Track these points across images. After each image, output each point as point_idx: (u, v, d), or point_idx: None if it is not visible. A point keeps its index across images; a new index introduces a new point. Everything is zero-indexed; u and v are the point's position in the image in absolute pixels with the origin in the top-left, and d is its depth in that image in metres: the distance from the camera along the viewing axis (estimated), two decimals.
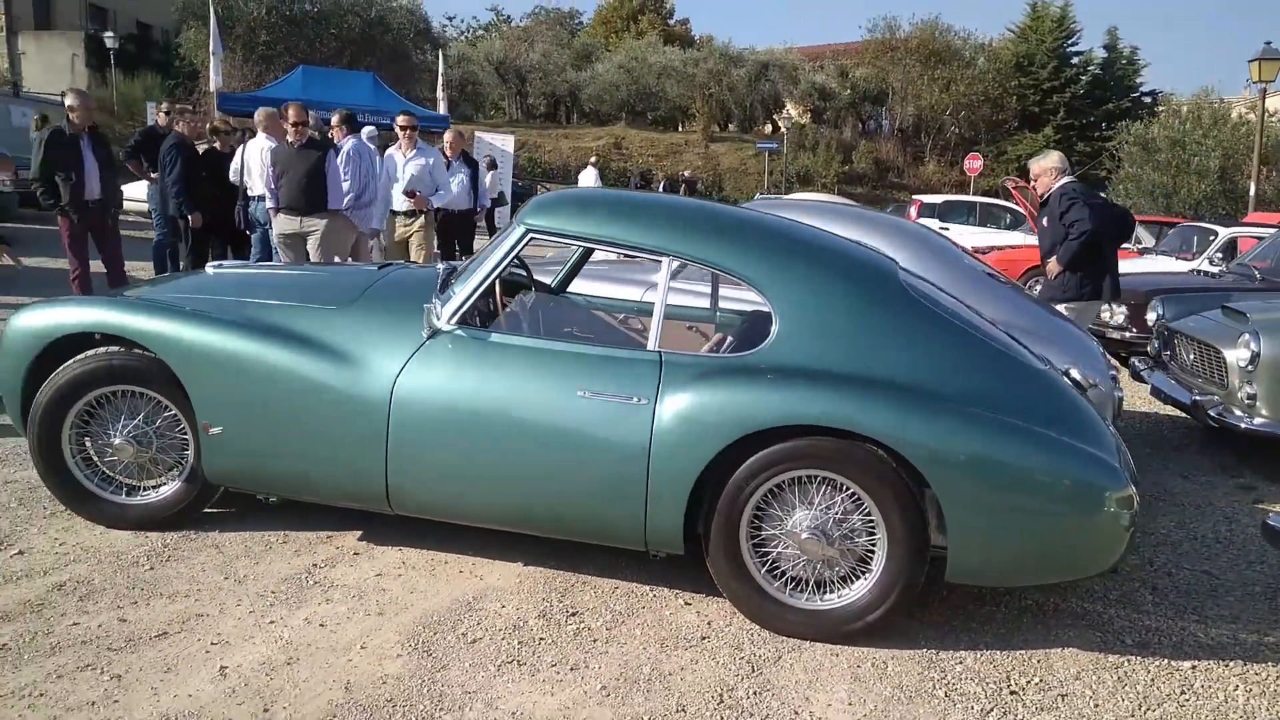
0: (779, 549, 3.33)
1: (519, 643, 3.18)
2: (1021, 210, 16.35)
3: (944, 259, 5.26)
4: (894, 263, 3.83)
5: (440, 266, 4.06)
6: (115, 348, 3.72)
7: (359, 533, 3.95)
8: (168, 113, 10.04)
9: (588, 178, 23.32)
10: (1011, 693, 3.10)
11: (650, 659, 3.13)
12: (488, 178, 17.76)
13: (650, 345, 3.41)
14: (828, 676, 3.11)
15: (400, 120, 8.38)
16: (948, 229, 18.96)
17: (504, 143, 22.57)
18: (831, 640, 3.31)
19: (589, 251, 4.23)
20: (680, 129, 41.17)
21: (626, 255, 3.68)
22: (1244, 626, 3.70)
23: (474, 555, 3.81)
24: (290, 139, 7.40)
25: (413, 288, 3.85)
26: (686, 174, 28.52)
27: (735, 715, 2.84)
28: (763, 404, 3.21)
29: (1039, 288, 10.48)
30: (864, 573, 3.29)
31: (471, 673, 2.97)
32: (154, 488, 3.85)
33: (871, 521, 3.24)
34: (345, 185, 7.47)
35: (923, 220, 19.68)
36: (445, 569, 3.70)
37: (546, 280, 4.44)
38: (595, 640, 3.23)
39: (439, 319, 3.54)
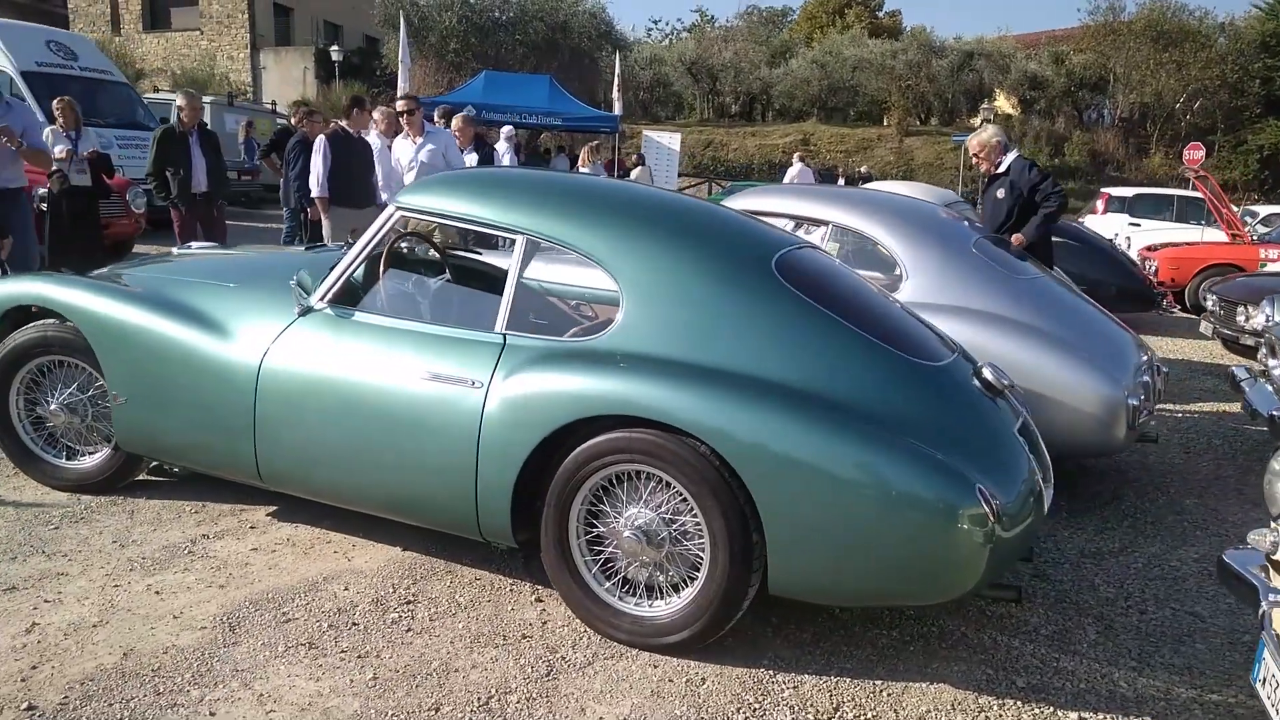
0: (611, 548, 3.10)
1: (329, 626, 3.12)
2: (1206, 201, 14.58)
3: (945, 245, 4.75)
4: (793, 247, 3.47)
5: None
6: (52, 320, 3.98)
7: (273, 508, 4.03)
8: (297, 116, 10.74)
9: (793, 175, 22.68)
10: None
11: (449, 654, 2.99)
12: (634, 173, 17.87)
13: (497, 327, 3.27)
14: (625, 690, 2.86)
15: (399, 104, 7.95)
16: (1138, 225, 17.24)
17: (670, 140, 22.61)
18: (658, 650, 3.05)
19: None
20: (884, 123, 39.80)
21: (488, 233, 3.54)
22: (1190, 681, 3.10)
23: (361, 537, 3.79)
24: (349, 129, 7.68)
25: (315, 267, 3.88)
26: (864, 169, 27.47)
27: None
28: (584, 391, 3.00)
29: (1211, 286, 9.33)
30: (692, 580, 2.99)
31: (256, 652, 2.94)
32: (90, 453, 4.09)
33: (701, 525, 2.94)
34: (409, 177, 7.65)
35: (1110, 216, 18.01)
36: (323, 549, 3.71)
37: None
38: (409, 630, 3.13)
39: (310, 297, 3.54)
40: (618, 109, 23.03)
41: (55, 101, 9.65)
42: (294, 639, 3.03)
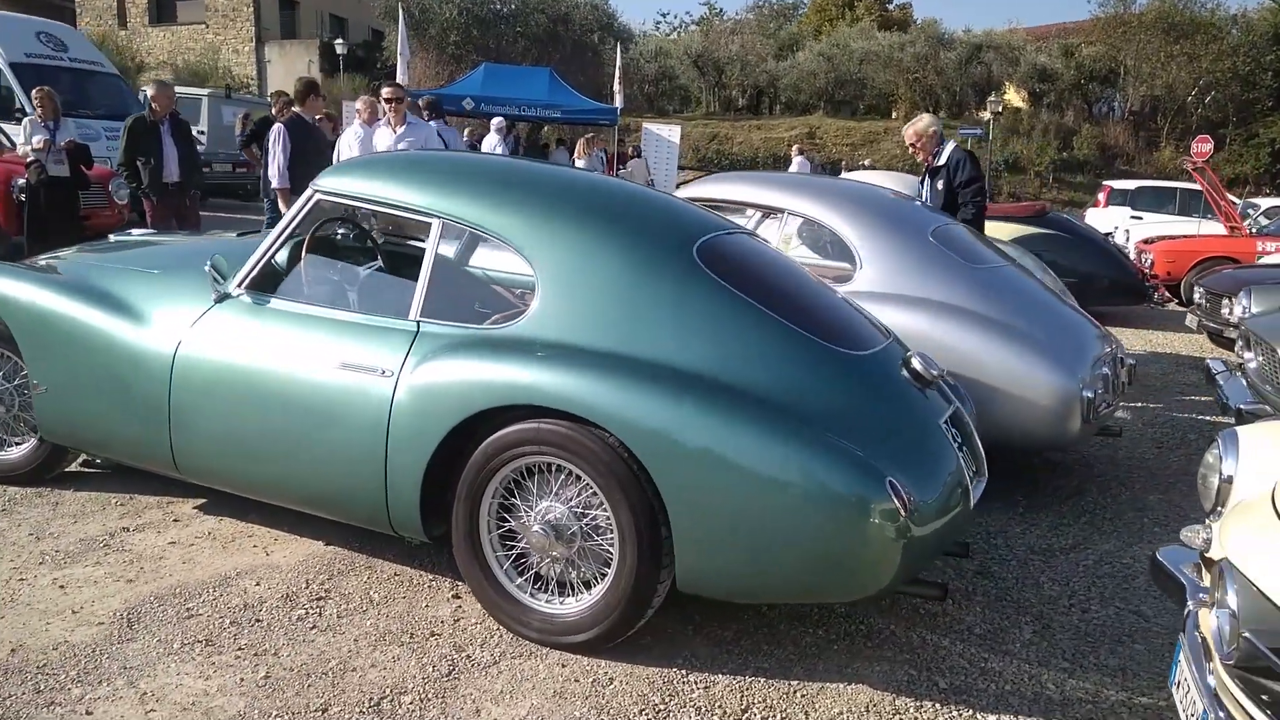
0: (523, 544, 3.00)
1: (231, 623, 3.03)
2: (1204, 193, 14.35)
3: (902, 234, 4.62)
4: (720, 232, 3.35)
5: None
6: None
7: (201, 501, 3.94)
8: (277, 106, 10.65)
9: (795, 169, 22.50)
10: None
11: (350, 653, 2.90)
12: (629, 165, 17.73)
13: (410, 315, 3.16)
14: (527, 690, 2.75)
15: (385, 92, 7.75)
16: (1140, 218, 17.02)
17: (670, 133, 22.42)
18: (568, 649, 2.95)
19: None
20: (892, 116, 39.46)
21: (403, 218, 3.43)
22: (1123, 684, 2.98)
23: (285, 531, 3.70)
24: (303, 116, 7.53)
25: (236, 253, 3.78)
26: (866, 163, 27.25)
27: None
28: (493, 380, 2.90)
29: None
30: (603, 577, 2.89)
31: (150, 649, 2.85)
32: (17, 444, 4.01)
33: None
34: None
35: (1112, 209, 17.79)
36: (244, 543, 3.62)
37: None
38: (313, 627, 3.03)
39: (228, 283, 3.45)
40: (618, 102, 22.85)
41: (34, 92, 9.59)
42: (192, 636, 2.94)
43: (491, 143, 13.66)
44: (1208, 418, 6.28)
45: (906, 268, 4.49)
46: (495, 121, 14.38)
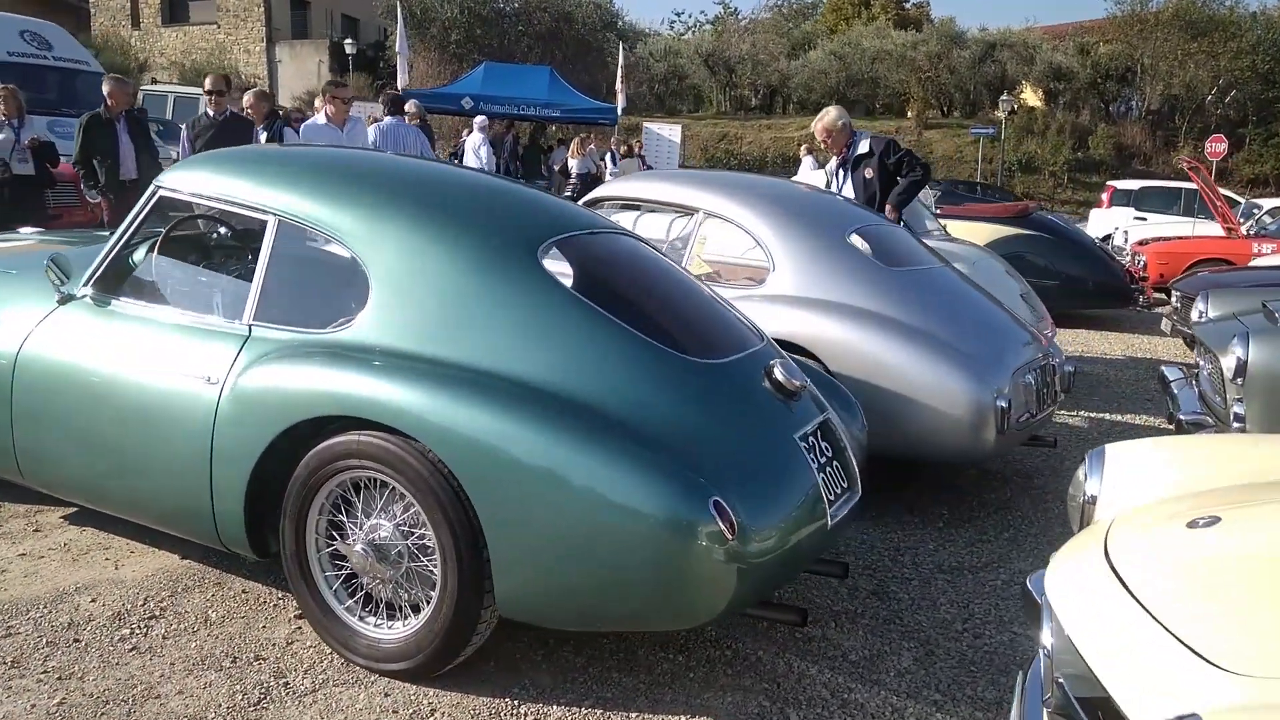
0: (350, 564, 2.82)
1: (48, 643, 2.87)
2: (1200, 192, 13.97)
3: (817, 235, 4.41)
4: (576, 232, 3.16)
5: None
6: None
7: (71, 510, 3.79)
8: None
9: (806, 169, 22.28)
10: None
11: (161, 678, 2.73)
12: (621, 165, 17.52)
13: (243, 318, 2.99)
14: (380, 718, 2.57)
15: (209, 83, 7.59)
16: (1144, 218, 16.64)
17: (670, 132, 22.27)
18: (393, 677, 2.76)
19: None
20: (906, 116, 39.02)
21: (241, 215, 3.26)
22: (994, 718, 2.75)
23: (144, 544, 3.54)
24: (210, 111, 7.37)
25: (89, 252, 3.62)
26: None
27: None
28: (313, 389, 2.73)
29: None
30: (429, 601, 2.70)
31: None
32: None
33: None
34: None
35: (1115, 210, 17.42)
36: (96, 556, 3.46)
37: None
38: (132, 649, 2.87)
39: (72, 283, 3.29)
40: (621, 101, 22.69)
41: None
42: (1, 656, 2.78)
43: (475, 142, 13.54)
44: (1170, 428, 6.01)
45: (820, 270, 4.27)
46: (478, 120, 14.27)
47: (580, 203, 5.06)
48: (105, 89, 8.07)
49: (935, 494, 4.60)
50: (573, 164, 15.59)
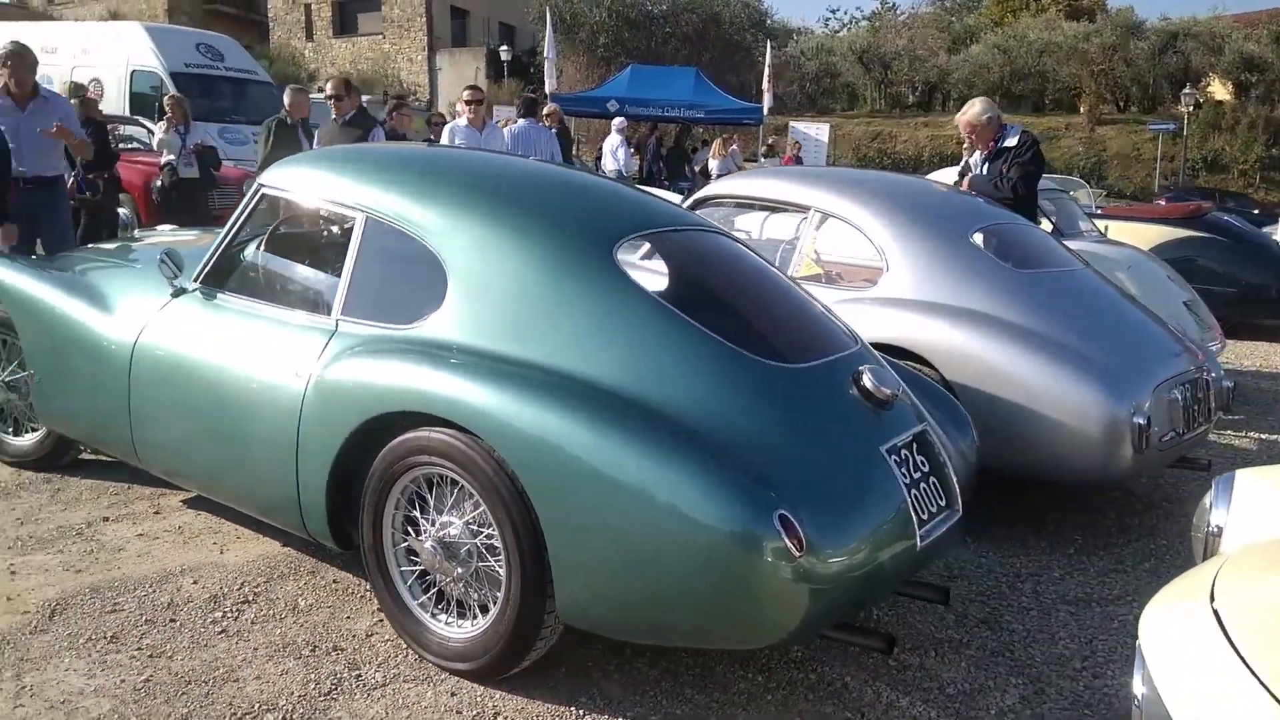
0: (421, 560, 2.81)
1: (147, 621, 2.99)
2: None
3: (937, 234, 4.14)
4: (658, 230, 3.05)
5: None
6: None
7: (190, 494, 3.97)
8: (389, 108, 10.91)
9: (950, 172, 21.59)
10: None
11: (243, 661, 2.79)
12: (761, 162, 17.25)
13: (332, 314, 3.03)
14: (441, 716, 2.56)
15: (466, 94, 8.07)
16: None
17: (818, 131, 21.80)
18: (465, 677, 2.73)
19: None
20: (1078, 112, 36.95)
21: (334, 213, 3.29)
22: None
23: (249, 530, 3.66)
24: (333, 114, 7.49)
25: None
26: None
27: None
28: (388, 385, 2.73)
29: None
30: (495, 602, 2.66)
31: (56, 642, 2.84)
32: (31, 431, 4.16)
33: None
34: None
35: None
36: (206, 539, 3.60)
37: None
38: (221, 632, 2.95)
39: (180, 277, 3.43)
40: (767, 100, 22.40)
41: (166, 99, 10.21)
42: (102, 632, 2.91)
43: (612, 144, 13.62)
44: None
45: (937, 271, 4.01)
46: (616, 122, 14.33)
47: (691, 200, 4.96)
48: (286, 99, 8.22)
49: (1070, 516, 4.25)
50: (713, 165, 15.47)
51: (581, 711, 2.63)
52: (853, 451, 2.54)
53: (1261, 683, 1.40)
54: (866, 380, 2.70)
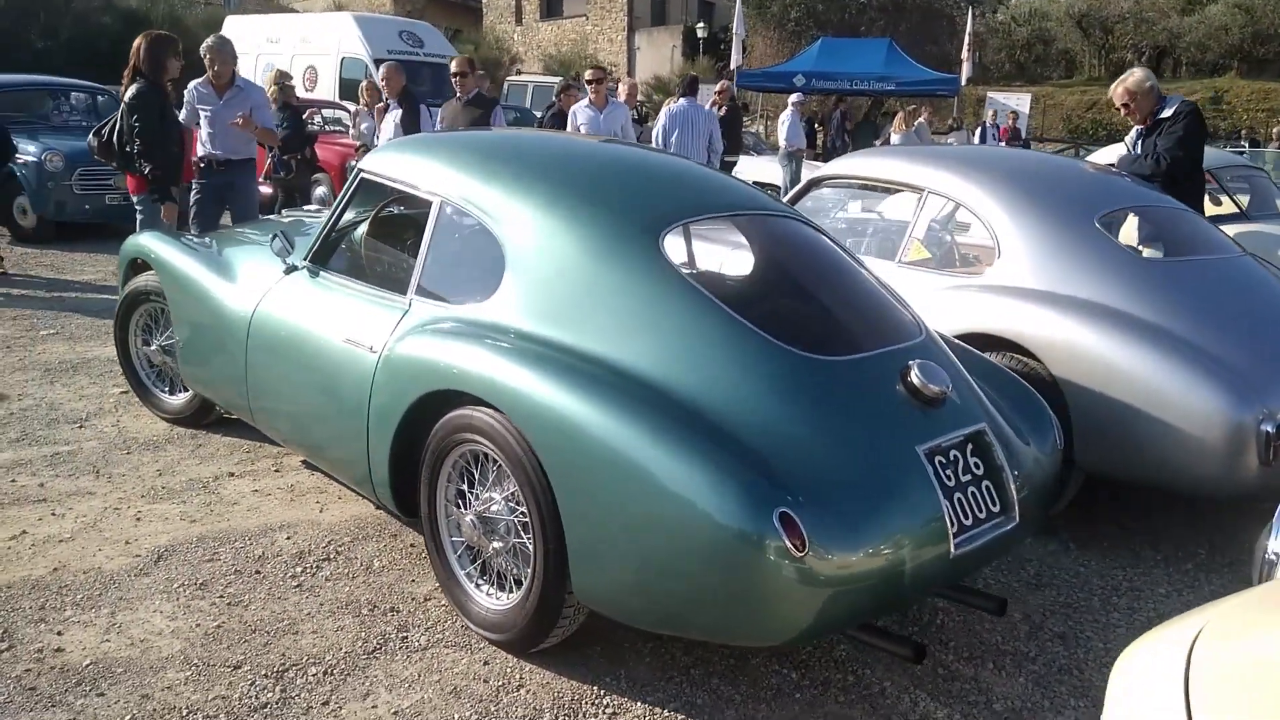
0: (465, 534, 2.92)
1: (236, 572, 3.26)
2: None
3: (1057, 218, 3.84)
4: (703, 215, 3.00)
5: None
6: (153, 271, 4.50)
7: None
8: (560, 88, 11.17)
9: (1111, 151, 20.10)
10: None
11: (307, 615, 3.00)
12: (950, 139, 16.44)
13: (407, 293, 3.18)
14: (430, 682, 2.69)
15: (589, 74, 8.17)
16: None
17: (1017, 102, 20.57)
18: (499, 648, 2.82)
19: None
20: None
21: (407, 198, 3.42)
22: None
23: (353, 492, 3.91)
24: (458, 93, 7.46)
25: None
26: (1277, 131, 22.99)
27: (299, 692, 2.63)
28: (439, 362, 2.84)
29: None
30: (527, 578, 2.73)
31: (154, 585, 3.14)
32: (183, 391, 4.60)
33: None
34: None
35: None
36: (312, 497, 3.87)
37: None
38: (297, 586, 3.18)
39: (294, 255, 3.69)
40: (966, 70, 21.33)
41: (362, 84, 10.87)
42: (195, 579, 3.20)
43: (783, 118, 13.39)
44: None
45: (1054, 258, 3.72)
46: (793, 97, 14.03)
47: (805, 181, 4.82)
48: (382, 75, 8.23)
49: (1204, 532, 3.87)
50: (895, 139, 14.89)
51: (604, 691, 2.66)
52: (882, 450, 2.42)
53: None
54: (914, 376, 2.56)
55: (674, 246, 2.81)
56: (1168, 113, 4.96)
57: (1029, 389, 3.09)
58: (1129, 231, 3.91)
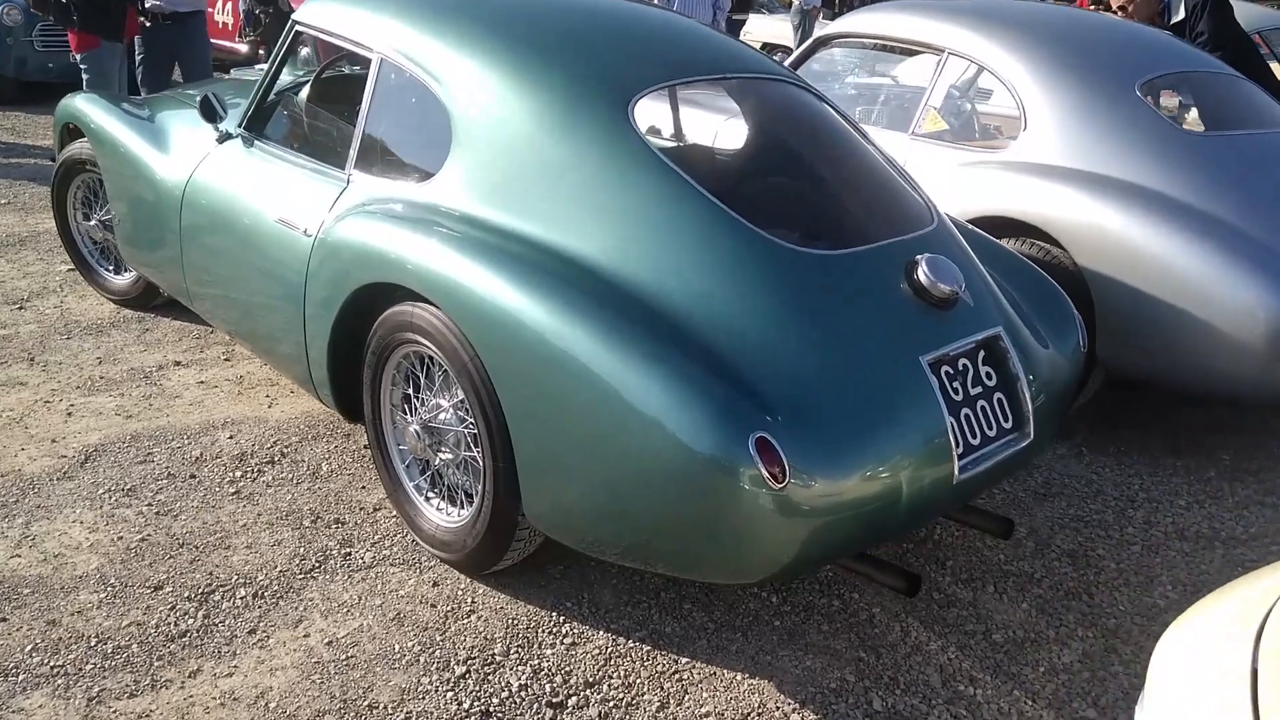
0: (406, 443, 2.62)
1: (169, 476, 2.98)
2: None
3: (1091, 84, 3.39)
4: (683, 80, 2.56)
5: None
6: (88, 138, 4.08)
7: None
8: None
9: None
10: (552, 704, 2.12)
11: (242, 527, 2.73)
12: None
13: (345, 167, 2.78)
14: (371, 607, 2.43)
15: None
16: None
17: None
18: (451, 566, 2.56)
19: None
20: None
21: (354, 54, 2.97)
22: None
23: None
24: None
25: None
26: None
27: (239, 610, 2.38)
28: (376, 250, 2.47)
29: None
30: (477, 494, 2.43)
31: (76, 491, 2.86)
32: (128, 271, 4.24)
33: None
34: None
35: None
36: (259, 393, 3.55)
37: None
38: (235, 493, 2.90)
39: (228, 121, 3.27)
40: None
41: None
42: (123, 484, 2.92)
43: None
44: None
45: (1087, 130, 3.28)
46: None
47: (812, 40, 4.32)
48: None
49: (1228, 437, 3.57)
50: None
51: (564, 618, 2.41)
52: (880, 361, 2.08)
53: None
54: (922, 273, 2.19)
55: (650, 116, 2.39)
56: (1179, 16, 4.33)
57: (1051, 283, 2.72)
58: (1171, 101, 3.46)
